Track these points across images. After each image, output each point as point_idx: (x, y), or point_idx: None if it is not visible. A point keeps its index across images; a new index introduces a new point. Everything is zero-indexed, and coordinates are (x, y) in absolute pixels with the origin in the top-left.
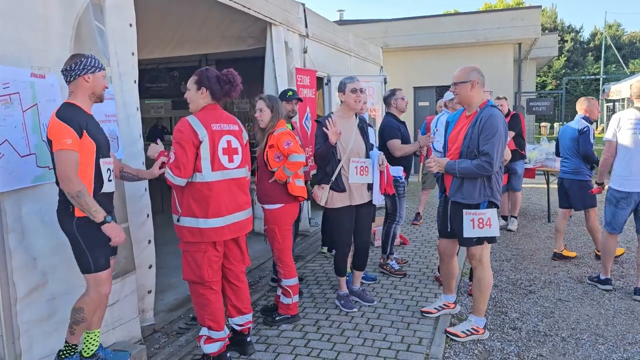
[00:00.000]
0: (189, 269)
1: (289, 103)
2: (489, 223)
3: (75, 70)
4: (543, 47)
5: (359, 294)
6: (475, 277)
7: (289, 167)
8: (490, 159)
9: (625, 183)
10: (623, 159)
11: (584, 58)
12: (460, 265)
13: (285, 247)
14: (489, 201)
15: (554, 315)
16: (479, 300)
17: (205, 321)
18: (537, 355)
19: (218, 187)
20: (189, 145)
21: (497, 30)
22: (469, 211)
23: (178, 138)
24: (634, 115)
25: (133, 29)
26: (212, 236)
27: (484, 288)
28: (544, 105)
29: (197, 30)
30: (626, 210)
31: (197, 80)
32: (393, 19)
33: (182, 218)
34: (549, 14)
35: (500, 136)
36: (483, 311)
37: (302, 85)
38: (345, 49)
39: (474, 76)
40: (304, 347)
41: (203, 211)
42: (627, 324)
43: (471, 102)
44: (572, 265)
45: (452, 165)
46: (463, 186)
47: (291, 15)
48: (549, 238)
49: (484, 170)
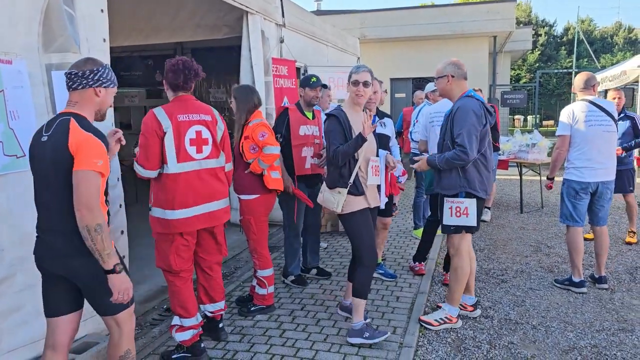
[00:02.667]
0: (159, 257)
1: (312, 90)
2: (466, 212)
3: (89, 79)
4: (518, 40)
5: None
6: (452, 266)
7: (263, 159)
8: (464, 148)
9: (584, 174)
10: (579, 151)
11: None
12: (434, 254)
13: (260, 238)
14: (467, 192)
15: (525, 303)
16: (454, 289)
17: (176, 308)
18: (508, 343)
19: (185, 179)
20: (152, 137)
21: (473, 23)
22: (448, 199)
23: (143, 130)
24: (587, 108)
25: (105, 15)
26: (179, 227)
27: (460, 277)
28: (518, 98)
29: (171, 18)
30: (585, 201)
31: (162, 72)
32: (370, 9)
33: (153, 208)
34: (523, 8)
35: (471, 124)
36: (458, 300)
37: (279, 75)
38: (322, 39)
39: (448, 70)
40: (279, 337)
41: (169, 202)
42: (594, 311)
43: (450, 95)
44: (543, 255)
45: (432, 161)
46: (441, 179)
47: (268, 4)
48: (521, 228)
49: (460, 160)
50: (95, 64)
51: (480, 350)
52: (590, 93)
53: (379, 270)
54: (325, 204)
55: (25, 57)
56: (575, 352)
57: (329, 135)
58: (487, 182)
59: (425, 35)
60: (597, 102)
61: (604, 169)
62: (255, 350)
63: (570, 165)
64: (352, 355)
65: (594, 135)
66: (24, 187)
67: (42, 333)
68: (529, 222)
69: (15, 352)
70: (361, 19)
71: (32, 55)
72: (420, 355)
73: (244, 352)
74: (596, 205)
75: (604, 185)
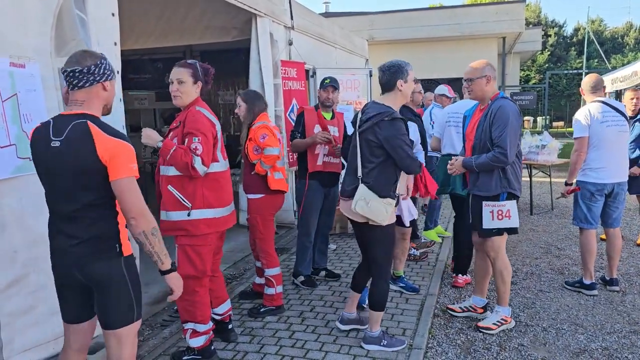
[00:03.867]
0: (189, 264)
1: (324, 91)
2: (508, 214)
3: (95, 75)
4: (527, 41)
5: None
6: (497, 269)
7: (264, 160)
8: (504, 150)
9: (600, 175)
10: (596, 152)
11: (567, 53)
12: (443, 255)
13: (267, 237)
14: (508, 192)
15: (535, 305)
16: (502, 290)
17: (196, 317)
18: (518, 345)
19: (226, 176)
20: (210, 136)
21: (482, 24)
22: (488, 203)
23: (201, 129)
24: (602, 108)
25: (115, 19)
26: (227, 223)
27: (507, 279)
28: (527, 99)
29: (180, 21)
30: (600, 203)
31: (193, 73)
32: (379, 11)
33: (195, 211)
34: (533, 9)
35: (512, 126)
36: (507, 300)
37: (288, 77)
38: (330, 41)
39: (488, 71)
40: (289, 338)
41: (219, 200)
42: (605, 313)
43: (485, 97)
44: (554, 257)
45: (469, 163)
46: (479, 179)
47: (276, 6)
48: (531, 230)
49: (499, 162)
50: (96, 57)
51: (490, 352)
52: (601, 94)
53: (400, 283)
54: (369, 214)
55: (38, 61)
56: (586, 355)
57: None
58: (521, 180)
59: (434, 36)
60: (609, 102)
61: (619, 169)
62: (265, 352)
63: (586, 166)
64: (362, 357)
65: (611, 136)
66: (38, 188)
67: (54, 334)
68: (539, 223)
69: (27, 352)
70: (369, 21)
71: (45, 59)
72: (430, 357)
73: (254, 352)
74: (610, 206)
75: (619, 186)
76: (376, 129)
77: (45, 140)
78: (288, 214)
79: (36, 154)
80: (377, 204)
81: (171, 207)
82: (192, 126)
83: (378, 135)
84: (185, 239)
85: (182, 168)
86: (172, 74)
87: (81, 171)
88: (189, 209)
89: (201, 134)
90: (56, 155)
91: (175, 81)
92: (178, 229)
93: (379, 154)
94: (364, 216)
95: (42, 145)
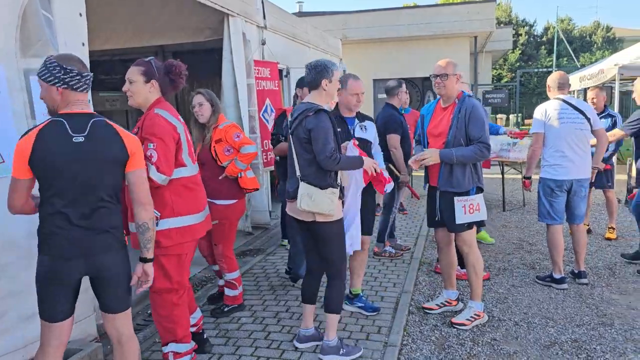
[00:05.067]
0: (164, 277)
1: (301, 89)
2: (478, 208)
3: (89, 82)
4: (498, 40)
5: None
6: (469, 263)
7: (241, 159)
8: (487, 144)
9: (558, 172)
10: (553, 148)
11: (537, 51)
12: (418, 253)
13: (230, 242)
14: (477, 187)
15: (507, 300)
16: (476, 285)
17: (177, 334)
18: (491, 340)
19: (198, 181)
20: (170, 140)
21: (454, 24)
22: (459, 198)
23: (158, 133)
24: (559, 106)
25: (83, 19)
26: (199, 232)
27: (479, 271)
28: (499, 97)
29: (152, 21)
30: (561, 199)
31: (145, 71)
32: (352, 11)
33: (165, 220)
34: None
35: (487, 123)
36: (480, 295)
37: (261, 77)
38: (304, 40)
39: (457, 70)
40: (264, 339)
41: (191, 207)
42: (575, 306)
43: (452, 95)
44: (525, 252)
45: (449, 154)
46: (452, 175)
47: (249, 6)
48: (503, 226)
49: (482, 156)
50: (85, 67)
51: (464, 347)
52: (563, 92)
53: (358, 303)
54: (315, 207)
55: (2, 63)
56: (556, 347)
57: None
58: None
59: (407, 36)
60: (569, 100)
61: (577, 166)
62: (240, 353)
63: (545, 163)
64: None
65: (567, 133)
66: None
67: (24, 341)
68: (511, 219)
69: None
70: (343, 21)
71: (10, 61)
72: (405, 354)
73: (229, 355)
74: (572, 203)
75: (578, 183)
76: (303, 125)
77: (64, 137)
78: (263, 214)
79: (49, 151)
80: (321, 196)
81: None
82: (148, 131)
83: (306, 129)
84: (158, 250)
85: None
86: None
87: (111, 162)
88: (157, 219)
89: (157, 139)
90: (81, 149)
91: (126, 80)
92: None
93: (311, 148)
94: (312, 212)
95: (60, 142)
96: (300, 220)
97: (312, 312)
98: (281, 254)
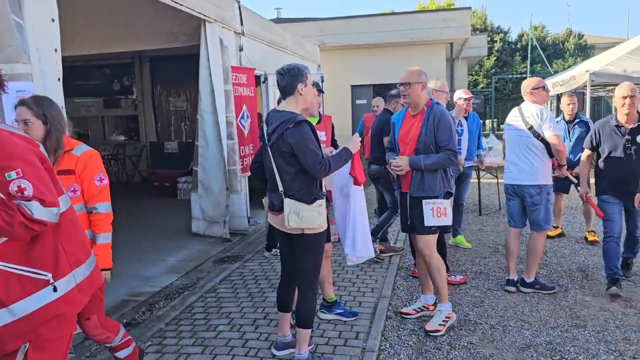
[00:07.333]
0: None
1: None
2: (445, 212)
3: None
4: (474, 47)
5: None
6: (434, 266)
7: (99, 224)
8: (454, 151)
9: (506, 176)
10: (506, 154)
11: (512, 58)
12: (396, 258)
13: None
14: (447, 191)
15: (483, 304)
16: (441, 286)
17: None
18: (467, 343)
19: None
20: (35, 158)
21: (430, 30)
22: (428, 201)
23: (17, 154)
24: (513, 113)
25: (56, 24)
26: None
27: (443, 272)
28: (475, 103)
29: (126, 27)
30: (514, 202)
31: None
32: (330, 17)
33: (63, 280)
34: (479, 15)
35: (454, 130)
36: (446, 295)
37: (238, 83)
38: (282, 47)
39: (424, 77)
40: (242, 347)
41: (85, 248)
42: (549, 309)
43: (419, 102)
44: (501, 256)
45: (418, 162)
46: (424, 182)
47: (226, 12)
48: (480, 230)
49: (450, 162)
50: None
51: (441, 351)
52: (526, 98)
53: (337, 309)
54: (304, 224)
55: None
56: (531, 350)
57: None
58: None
59: (384, 42)
60: (522, 107)
61: (520, 172)
62: None
63: None
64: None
65: (510, 139)
66: None
67: None
68: (487, 223)
69: None
70: (321, 27)
71: None
72: (383, 359)
73: None
74: (526, 208)
75: (520, 188)
76: (284, 138)
77: None
78: (242, 220)
79: None
80: (309, 213)
81: (14, 296)
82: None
83: (288, 143)
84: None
85: (10, 233)
86: None
87: None
88: (50, 283)
89: (20, 161)
90: None
91: None
92: (40, 324)
93: (294, 162)
94: (300, 227)
95: None
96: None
97: (288, 320)
98: (259, 260)
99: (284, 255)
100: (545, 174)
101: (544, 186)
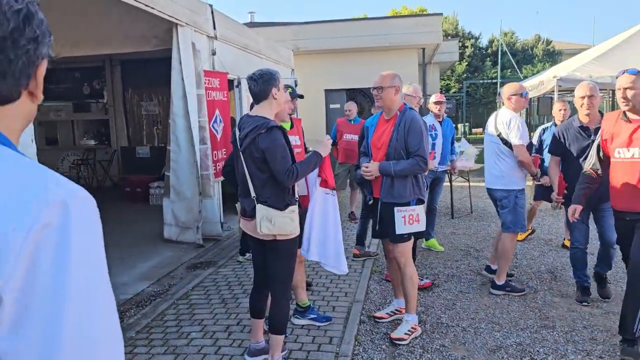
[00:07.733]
0: None
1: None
2: (417, 219)
3: None
4: (445, 52)
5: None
6: (407, 275)
7: None
8: (425, 158)
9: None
10: None
11: (483, 63)
12: (369, 262)
13: None
14: (418, 198)
15: (455, 306)
16: (411, 297)
17: None
18: (440, 346)
19: None
20: None
21: (402, 36)
22: (400, 208)
23: None
24: (490, 117)
25: None
26: None
27: (415, 283)
28: (447, 107)
29: (97, 30)
30: (494, 205)
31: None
32: (304, 22)
33: None
34: (450, 21)
35: (426, 136)
36: (415, 307)
37: (211, 87)
38: (255, 51)
39: (397, 82)
40: (215, 354)
41: None
42: (519, 310)
43: (393, 107)
44: (473, 259)
45: (387, 168)
46: (394, 187)
47: (198, 16)
48: (452, 233)
49: (420, 169)
50: None
51: (414, 354)
52: (505, 104)
53: (310, 314)
54: (277, 231)
55: None
56: (502, 351)
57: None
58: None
59: (358, 47)
60: (499, 112)
61: (489, 176)
62: None
63: None
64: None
65: (485, 143)
66: None
67: None
68: (459, 226)
69: None
70: (294, 31)
71: None
72: None
73: None
74: (497, 210)
75: (490, 192)
76: (256, 143)
77: None
78: (215, 226)
79: None
80: (282, 219)
81: None
82: None
83: (259, 149)
84: None
85: None
86: None
87: None
88: None
89: None
90: None
91: None
92: None
93: (266, 168)
94: (272, 234)
95: None
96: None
97: (262, 326)
98: (233, 266)
99: (257, 261)
100: (514, 179)
101: (512, 191)
